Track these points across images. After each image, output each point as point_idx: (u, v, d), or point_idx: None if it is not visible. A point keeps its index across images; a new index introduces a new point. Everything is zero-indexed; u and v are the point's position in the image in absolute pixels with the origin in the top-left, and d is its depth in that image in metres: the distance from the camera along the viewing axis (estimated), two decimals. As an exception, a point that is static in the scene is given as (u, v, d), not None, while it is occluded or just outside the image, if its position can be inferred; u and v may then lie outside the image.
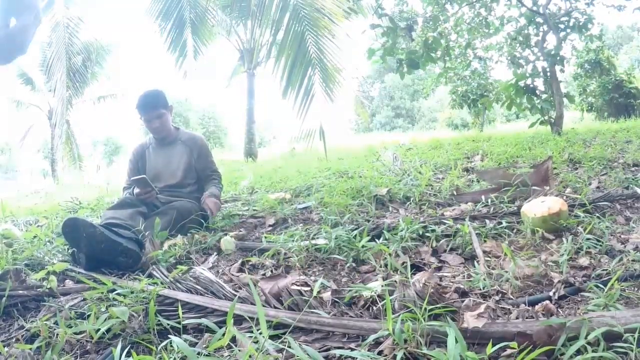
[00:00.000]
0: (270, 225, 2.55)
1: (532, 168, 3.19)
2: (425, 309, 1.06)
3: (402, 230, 1.89)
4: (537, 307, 1.19)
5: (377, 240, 1.85)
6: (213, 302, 1.33)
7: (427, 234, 1.90)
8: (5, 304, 1.44)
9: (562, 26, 6.65)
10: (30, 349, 1.14)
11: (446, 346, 0.91)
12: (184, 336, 1.16)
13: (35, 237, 2.17)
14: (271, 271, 1.69)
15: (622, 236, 1.79)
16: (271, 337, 1.10)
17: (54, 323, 1.28)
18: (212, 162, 2.78)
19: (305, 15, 5.24)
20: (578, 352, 0.92)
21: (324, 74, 5.24)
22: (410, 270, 1.45)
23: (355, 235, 1.87)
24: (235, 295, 1.36)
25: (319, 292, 1.35)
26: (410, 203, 2.70)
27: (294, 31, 5.29)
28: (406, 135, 12.60)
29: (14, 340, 1.26)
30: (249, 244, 2.10)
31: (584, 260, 1.54)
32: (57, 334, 1.20)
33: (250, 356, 0.91)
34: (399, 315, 1.07)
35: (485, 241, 1.82)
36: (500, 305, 1.25)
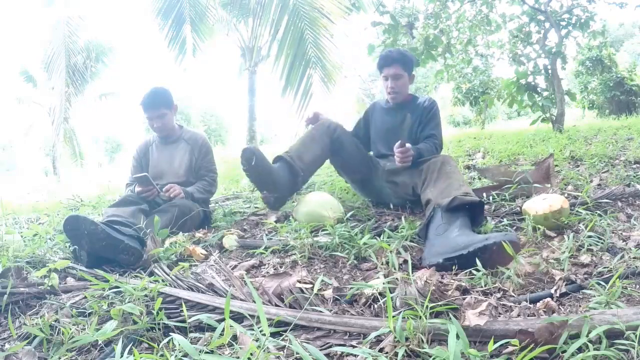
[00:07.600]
0: (271, 223, 2.55)
1: (533, 165, 3.19)
2: (427, 306, 1.06)
3: (403, 228, 1.89)
4: (538, 304, 1.19)
5: (378, 237, 1.85)
6: (214, 300, 1.33)
7: (429, 232, 1.90)
8: (7, 301, 1.45)
9: (563, 23, 6.63)
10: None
11: (447, 344, 0.91)
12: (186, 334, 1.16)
13: (36, 234, 2.17)
14: (274, 268, 1.69)
15: (624, 233, 1.79)
16: (272, 335, 1.10)
17: (54, 321, 1.29)
18: (209, 162, 2.75)
19: (305, 14, 5.23)
20: (579, 349, 0.92)
21: (323, 74, 5.23)
22: (412, 268, 1.44)
23: (357, 233, 1.86)
24: (237, 294, 1.36)
25: (320, 290, 1.35)
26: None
27: (294, 30, 5.28)
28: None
29: (15, 337, 1.26)
30: (251, 241, 2.10)
31: (585, 258, 1.54)
32: (58, 331, 1.20)
33: (251, 354, 0.91)
34: (400, 312, 1.07)
35: (486, 239, 1.82)
36: (501, 303, 1.25)
